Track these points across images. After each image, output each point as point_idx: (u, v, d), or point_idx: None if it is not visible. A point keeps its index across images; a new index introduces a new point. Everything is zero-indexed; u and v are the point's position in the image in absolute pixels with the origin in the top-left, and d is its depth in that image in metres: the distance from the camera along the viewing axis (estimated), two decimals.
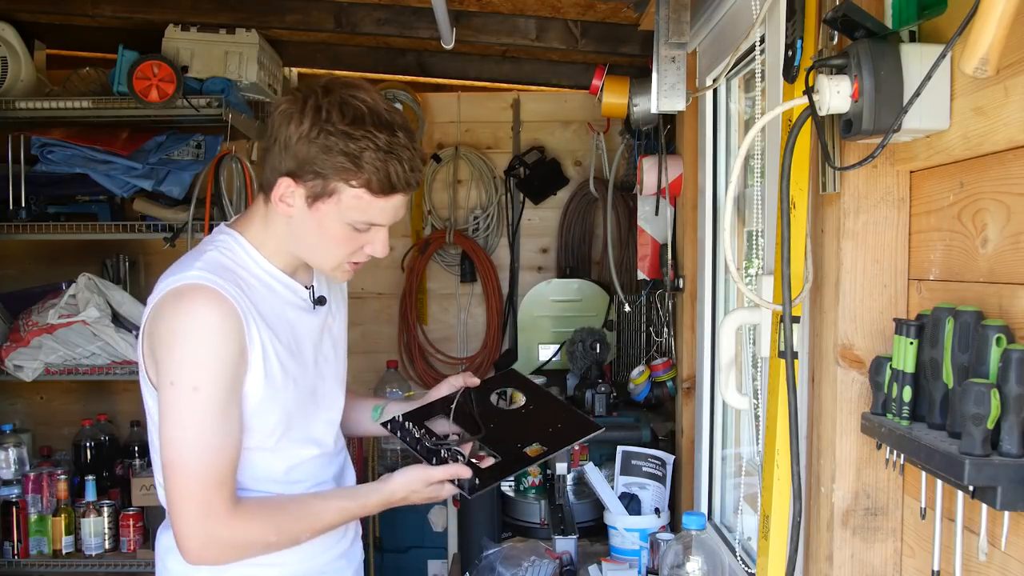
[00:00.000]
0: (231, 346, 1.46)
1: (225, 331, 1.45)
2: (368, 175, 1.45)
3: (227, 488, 1.47)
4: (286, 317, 1.59)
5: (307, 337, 1.63)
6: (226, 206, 3.01)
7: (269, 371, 1.51)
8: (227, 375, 1.46)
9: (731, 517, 2.25)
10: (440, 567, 3.34)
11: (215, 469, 1.45)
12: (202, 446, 1.45)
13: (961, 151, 1.11)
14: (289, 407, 1.58)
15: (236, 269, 1.53)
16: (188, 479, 1.45)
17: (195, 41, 3.06)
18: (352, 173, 1.45)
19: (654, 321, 2.97)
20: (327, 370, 1.69)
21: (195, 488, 1.45)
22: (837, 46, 1.29)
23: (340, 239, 1.52)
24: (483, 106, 3.85)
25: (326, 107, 1.45)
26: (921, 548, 1.26)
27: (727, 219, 1.36)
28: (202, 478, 1.45)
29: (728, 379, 1.68)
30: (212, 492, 1.45)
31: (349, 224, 1.50)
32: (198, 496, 1.45)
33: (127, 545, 3.10)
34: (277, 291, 1.59)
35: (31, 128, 3.15)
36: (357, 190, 1.47)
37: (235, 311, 1.46)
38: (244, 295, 1.49)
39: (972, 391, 0.95)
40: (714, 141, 2.39)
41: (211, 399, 1.44)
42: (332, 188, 1.47)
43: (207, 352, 1.44)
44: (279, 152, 1.49)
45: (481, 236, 3.84)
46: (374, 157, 1.44)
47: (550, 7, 2.86)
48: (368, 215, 1.50)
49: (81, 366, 3.08)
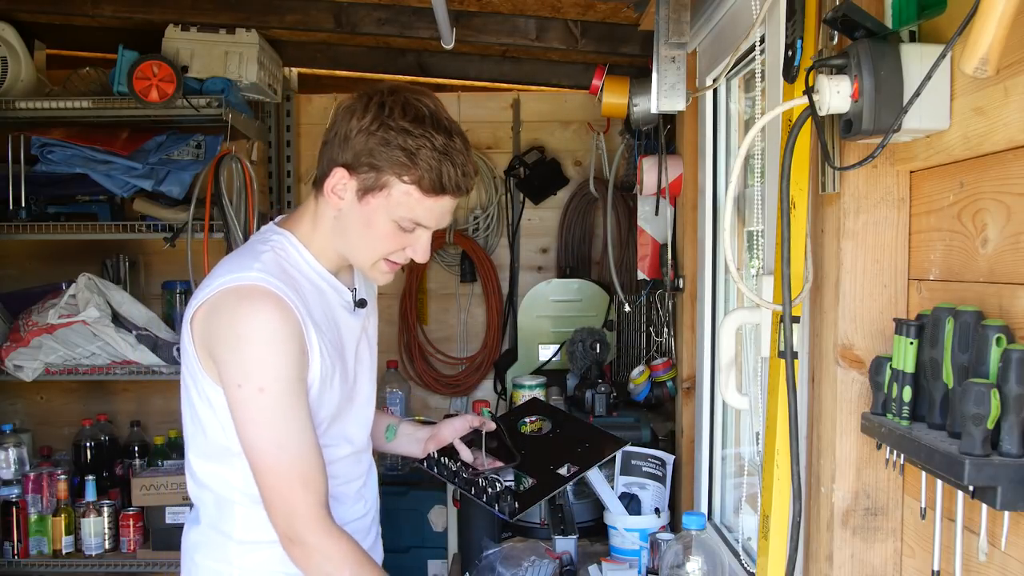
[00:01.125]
0: (294, 347, 1.49)
1: (288, 333, 1.48)
2: (421, 172, 1.49)
3: (314, 489, 1.50)
4: (333, 318, 1.62)
5: (349, 338, 1.66)
6: (226, 206, 3.01)
7: (324, 372, 1.55)
8: (292, 376, 1.49)
9: (731, 517, 2.25)
10: (440, 567, 3.34)
11: (297, 470, 1.49)
12: (278, 446, 1.49)
13: (961, 151, 1.11)
14: (333, 406, 1.61)
15: (291, 271, 1.57)
16: (271, 476, 1.50)
17: (195, 41, 3.06)
18: (406, 168, 1.49)
19: (654, 321, 2.97)
20: (361, 370, 1.72)
21: (281, 487, 1.49)
22: (837, 46, 1.29)
23: (384, 235, 1.55)
24: (483, 106, 3.84)
25: (389, 104, 1.50)
26: (921, 548, 1.26)
27: (727, 219, 1.36)
28: (285, 476, 1.49)
29: (728, 379, 1.68)
30: (298, 491, 1.49)
31: (395, 221, 1.53)
32: (286, 495, 1.49)
33: (127, 545, 3.10)
34: (326, 293, 1.62)
35: (31, 128, 3.15)
36: (408, 186, 1.50)
37: (295, 314, 1.50)
38: (300, 298, 1.53)
39: (972, 391, 0.95)
40: (714, 141, 2.39)
41: (278, 399, 1.48)
42: (384, 182, 1.50)
43: (271, 354, 1.48)
44: (338, 144, 1.53)
45: (481, 236, 3.83)
46: (429, 156, 1.48)
47: (550, 7, 2.86)
48: (415, 213, 1.52)
49: (81, 366, 3.08)
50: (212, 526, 1.64)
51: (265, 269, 1.52)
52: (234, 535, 1.61)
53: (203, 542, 1.64)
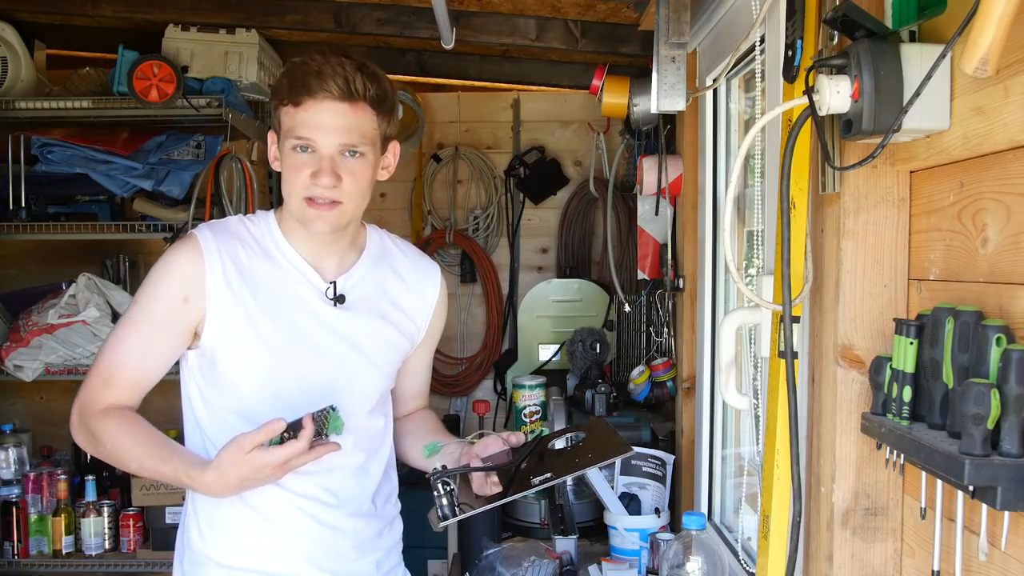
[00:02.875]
0: (175, 287, 1.57)
1: (177, 273, 1.57)
2: (285, 89, 1.54)
3: (111, 395, 1.57)
4: (282, 291, 1.61)
5: (312, 326, 1.62)
6: (226, 206, 3.01)
7: (227, 321, 1.57)
8: (159, 308, 1.58)
9: (731, 517, 2.25)
10: (440, 567, 3.33)
11: (108, 371, 1.58)
12: (111, 347, 1.59)
13: (961, 151, 1.11)
14: (256, 373, 1.59)
15: (242, 234, 1.63)
16: (92, 368, 1.61)
17: (195, 41, 3.06)
18: (277, 92, 1.56)
19: (654, 321, 2.97)
20: (331, 368, 1.63)
21: (90, 375, 1.60)
22: (837, 46, 1.29)
23: (289, 167, 1.57)
24: (483, 106, 3.85)
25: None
26: (921, 548, 1.26)
27: (727, 219, 1.36)
28: (97, 373, 1.59)
29: (728, 379, 1.68)
30: (97, 387, 1.58)
31: (291, 148, 1.55)
32: (87, 383, 1.59)
33: (127, 545, 3.10)
34: (281, 266, 1.62)
35: (31, 128, 3.15)
36: (286, 107, 1.54)
37: (199, 259, 1.56)
38: (231, 254, 1.58)
39: (972, 391, 0.95)
40: (714, 141, 2.39)
41: (136, 316, 1.59)
42: (277, 119, 1.57)
43: (154, 282, 1.59)
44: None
45: (481, 236, 3.83)
46: (291, 71, 1.54)
47: (550, 7, 2.86)
48: (294, 129, 1.54)
49: (81, 366, 3.07)
50: (182, 529, 1.70)
51: (213, 223, 1.64)
52: (192, 543, 1.66)
53: (178, 547, 1.71)
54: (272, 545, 1.62)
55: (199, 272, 1.56)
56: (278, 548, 1.62)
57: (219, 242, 1.58)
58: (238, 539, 1.62)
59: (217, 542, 1.63)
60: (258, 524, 1.61)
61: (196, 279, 1.56)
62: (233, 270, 1.58)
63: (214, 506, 1.61)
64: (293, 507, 1.61)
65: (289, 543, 1.62)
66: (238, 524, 1.61)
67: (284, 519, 1.61)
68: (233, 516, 1.61)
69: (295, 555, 1.63)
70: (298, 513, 1.62)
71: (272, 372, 1.59)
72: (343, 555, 1.67)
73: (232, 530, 1.62)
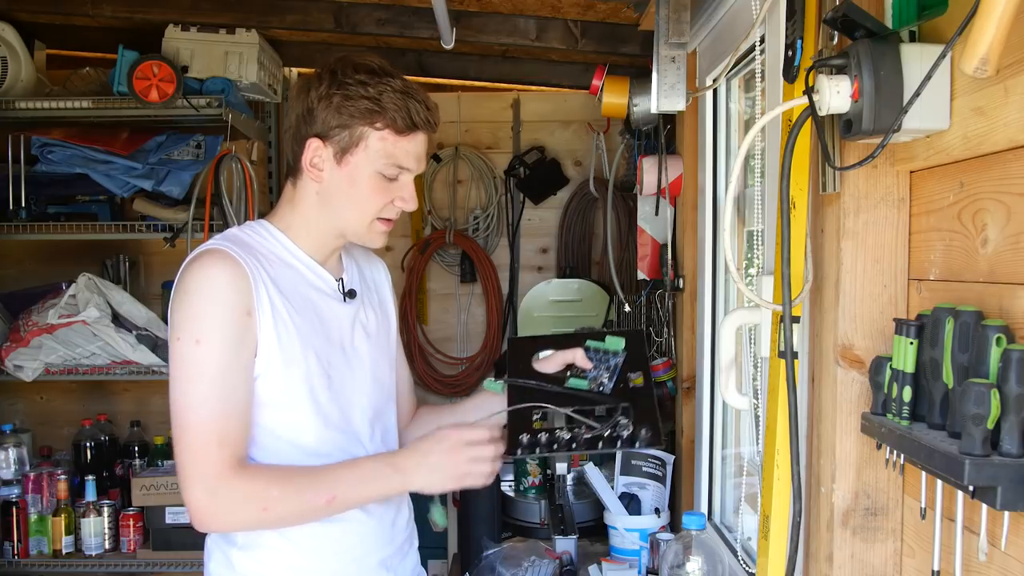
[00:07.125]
0: (237, 304, 1.47)
1: (232, 290, 1.47)
2: (391, 114, 1.51)
3: (230, 450, 1.45)
4: (308, 296, 1.59)
5: (334, 325, 1.63)
6: (226, 206, 3.01)
7: (282, 335, 1.51)
8: (231, 331, 1.47)
9: (731, 517, 2.25)
10: (440, 567, 3.34)
11: (217, 427, 1.44)
12: (205, 401, 1.45)
13: (961, 151, 1.11)
14: (304, 384, 1.55)
15: (256, 246, 1.57)
16: (190, 434, 1.45)
17: (195, 41, 3.06)
18: (376, 115, 1.51)
19: (654, 321, 2.97)
20: (357, 363, 1.66)
21: (197, 445, 1.44)
22: (837, 46, 1.29)
23: (371, 190, 1.55)
24: (483, 106, 3.84)
25: (340, 68, 1.53)
26: (921, 548, 1.26)
27: (727, 219, 1.36)
28: (204, 435, 1.44)
29: (728, 379, 1.68)
30: (213, 451, 1.44)
31: (379, 172, 1.54)
32: (200, 454, 1.44)
33: (127, 545, 3.10)
34: (300, 271, 1.61)
35: (31, 128, 3.15)
36: (382, 131, 1.52)
37: (243, 271, 1.49)
38: (259, 265, 1.52)
39: (972, 391, 0.95)
40: (714, 141, 2.39)
41: (213, 352, 1.45)
42: (359, 136, 1.52)
43: (212, 305, 1.47)
44: (302, 122, 1.54)
45: (481, 236, 3.84)
46: (393, 97, 1.51)
47: (550, 7, 2.86)
48: (395, 157, 1.53)
49: (81, 366, 3.08)
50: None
51: (223, 238, 1.55)
52: (237, 540, 1.58)
53: (211, 548, 1.62)
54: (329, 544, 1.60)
55: (247, 285, 1.48)
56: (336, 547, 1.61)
57: (242, 252, 1.51)
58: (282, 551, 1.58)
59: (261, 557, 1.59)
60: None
61: (247, 291, 1.48)
62: (268, 278, 1.52)
63: (253, 537, 1.57)
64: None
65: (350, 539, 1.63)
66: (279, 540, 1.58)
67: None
68: (273, 537, 1.57)
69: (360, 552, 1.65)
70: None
71: (311, 377, 1.56)
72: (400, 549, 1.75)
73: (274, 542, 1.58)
